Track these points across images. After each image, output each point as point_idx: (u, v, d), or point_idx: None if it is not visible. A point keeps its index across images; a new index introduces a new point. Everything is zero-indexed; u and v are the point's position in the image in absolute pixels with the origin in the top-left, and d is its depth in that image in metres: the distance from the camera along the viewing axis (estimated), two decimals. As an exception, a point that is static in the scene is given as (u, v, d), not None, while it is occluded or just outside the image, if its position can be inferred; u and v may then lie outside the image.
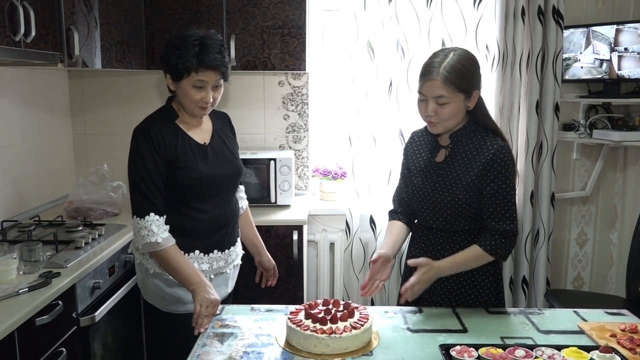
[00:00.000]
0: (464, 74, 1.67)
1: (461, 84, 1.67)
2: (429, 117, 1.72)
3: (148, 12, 2.88)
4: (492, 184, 1.71)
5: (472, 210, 1.75)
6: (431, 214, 1.81)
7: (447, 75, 1.65)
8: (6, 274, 1.81)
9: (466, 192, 1.73)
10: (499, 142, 1.73)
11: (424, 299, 1.85)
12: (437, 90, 1.67)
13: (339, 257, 3.26)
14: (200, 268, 1.87)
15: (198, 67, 1.75)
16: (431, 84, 1.67)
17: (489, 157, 1.71)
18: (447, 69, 1.66)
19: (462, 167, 1.76)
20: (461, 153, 1.77)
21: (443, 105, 1.69)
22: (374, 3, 2.95)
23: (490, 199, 1.72)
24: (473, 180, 1.73)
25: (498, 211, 1.72)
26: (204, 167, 1.86)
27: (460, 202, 1.74)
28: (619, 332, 1.59)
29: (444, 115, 1.69)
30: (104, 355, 2.19)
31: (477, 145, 1.75)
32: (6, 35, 1.91)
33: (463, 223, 1.78)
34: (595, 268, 3.46)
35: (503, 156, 1.70)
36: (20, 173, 2.67)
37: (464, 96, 1.70)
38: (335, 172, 3.29)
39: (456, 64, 1.67)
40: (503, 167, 1.70)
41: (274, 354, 1.48)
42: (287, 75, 3.25)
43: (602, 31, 2.98)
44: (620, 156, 3.33)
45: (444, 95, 1.67)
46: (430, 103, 1.69)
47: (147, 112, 1.92)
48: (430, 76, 1.67)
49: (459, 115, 1.73)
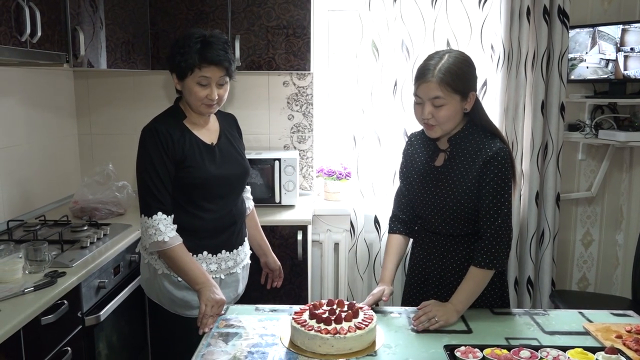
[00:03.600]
0: (459, 75, 1.66)
1: (457, 85, 1.66)
2: (425, 120, 1.71)
3: (153, 12, 2.89)
4: (489, 186, 1.69)
5: (474, 213, 1.73)
6: (432, 218, 1.81)
7: (442, 77, 1.64)
8: (12, 273, 1.82)
9: (467, 196, 1.72)
10: (498, 144, 1.71)
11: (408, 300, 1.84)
12: (432, 92, 1.66)
13: (343, 258, 3.25)
14: (208, 269, 1.87)
15: (201, 64, 1.76)
16: (427, 86, 1.67)
17: (487, 158, 1.69)
18: (442, 71, 1.65)
19: (462, 171, 1.74)
20: (460, 157, 1.75)
21: (440, 108, 1.67)
22: (379, 3, 2.95)
23: (487, 198, 1.69)
24: (473, 183, 1.71)
25: (491, 214, 1.69)
26: (212, 167, 1.86)
27: (462, 206, 1.72)
28: (624, 333, 1.58)
29: (441, 117, 1.68)
30: (109, 354, 2.19)
31: (476, 148, 1.73)
32: (12, 35, 1.92)
33: (465, 227, 1.77)
34: (601, 269, 3.45)
35: (501, 158, 1.68)
36: (26, 173, 2.68)
37: (460, 98, 1.68)
38: (340, 172, 3.29)
39: (451, 66, 1.66)
40: (500, 169, 1.68)
41: (279, 354, 1.49)
42: (292, 76, 3.25)
43: (608, 31, 2.96)
44: (626, 156, 3.31)
45: (440, 96, 1.65)
46: (426, 106, 1.68)
47: (152, 112, 1.93)
48: (426, 78, 1.66)
49: (456, 117, 1.71)
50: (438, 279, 1.84)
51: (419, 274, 1.90)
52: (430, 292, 1.85)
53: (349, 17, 3.27)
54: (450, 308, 1.68)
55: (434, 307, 1.68)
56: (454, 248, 1.80)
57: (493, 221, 1.69)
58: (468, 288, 1.71)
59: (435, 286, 1.84)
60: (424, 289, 1.89)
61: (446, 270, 1.82)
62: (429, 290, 1.86)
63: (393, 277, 1.87)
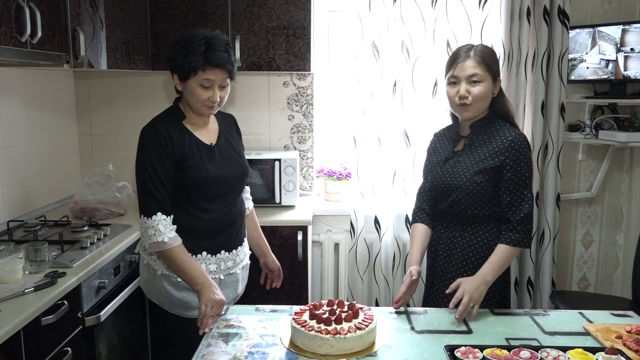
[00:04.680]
0: (492, 57, 1.84)
1: (491, 65, 1.81)
2: (462, 100, 1.79)
3: (153, 13, 2.89)
4: (510, 173, 1.78)
5: (489, 194, 1.81)
6: (450, 199, 1.85)
7: (480, 56, 1.80)
8: (12, 273, 1.82)
9: (482, 176, 1.79)
10: (516, 131, 1.82)
11: (430, 300, 1.84)
12: (471, 69, 1.78)
13: (343, 258, 3.25)
14: (207, 269, 1.87)
15: (205, 66, 1.76)
16: (465, 65, 1.79)
17: (506, 143, 1.79)
18: (479, 51, 1.81)
19: (480, 153, 1.83)
20: (479, 141, 1.85)
21: (476, 85, 1.78)
22: (379, 3, 2.95)
23: (509, 186, 1.78)
24: (490, 165, 1.79)
25: (514, 200, 1.78)
26: (211, 168, 1.86)
27: (477, 185, 1.79)
28: (624, 333, 1.58)
29: (476, 95, 1.78)
30: (109, 354, 2.19)
31: (495, 134, 1.83)
32: (12, 36, 1.92)
33: (482, 208, 1.82)
34: (601, 269, 3.45)
35: (520, 143, 1.79)
36: (26, 173, 2.68)
37: (492, 80, 1.81)
38: (340, 172, 3.29)
39: (485, 49, 1.84)
40: (520, 153, 1.78)
41: (279, 354, 1.49)
42: (292, 76, 3.25)
43: (608, 31, 2.96)
44: (626, 157, 3.31)
45: (478, 73, 1.77)
46: (463, 84, 1.79)
47: (152, 113, 1.93)
48: (464, 57, 1.80)
49: (487, 98, 1.82)
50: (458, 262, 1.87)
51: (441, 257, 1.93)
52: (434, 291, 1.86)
53: (349, 18, 3.26)
54: (479, 280, 1.73)
55: (467, 289, 1.70)
56: (469, 231, 1.85)
57: (518, 205, 1.79)
58: (498, 260, 1.78)
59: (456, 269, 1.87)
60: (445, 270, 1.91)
61: (465, 256, 1.86)
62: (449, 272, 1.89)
63: (420, 259, 1.94)
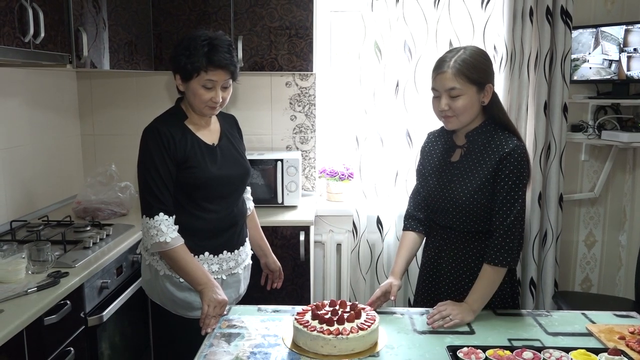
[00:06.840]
0: (475, 66, 1.69)
1: (472, 75, 1.68)
2: (443, 112, 1.73)
3: (156, 13, 2.89)
4: (503, 182, 1.70)
5: (487, 209, 1.74)
6: (446, 213, 1.80)
7: (458, 67, 1.68)
8: (15, 273, 1.83)
9: (481, 191, 1.72)
10: (515, 141, 1.73)
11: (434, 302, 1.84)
12: (448, 82, 1.68)
13: (345, 258, 3.25)
14: (210, 269, 1.87)
15: (207, 67, 1.76)
16: (442, 77, 1.70)
17: (503, 154, 1.70)
18: (458, 62, 1.69)
19: (477, 166, 1.75)
20: (476, 152, 1.77)
21: (456, 98, 1.69)
22: (382, 4, 2.95)
23: (501, 195, 1.70)
24: (487, 179, 1.72)
25: (504, 210, 1.70)
26: (213, 168, 1.86)
27: (475, 201, 1.73)
28: (627, 334, 1.58)
29: (458, 108, 1.70)
30: (112, 354, 2.19)
31: (493, 144, 1.74)
32: (16, 36, 1.93)
33: (478, 224, 1.76)
34: (604, 270, 3.44)
35: (517, 155, 1.70)
36: (29, 173, 2.69)
37: (477, 89, 1.70)
38: (342, 172, 3.29)
39: (467, 58, 1.70)
40: (516, 165, 1.70)
41: (281, 354, 1.48)
42: (295, 76, 3.25)
43: (611, 31, 2.96)
44: (629, 157, 3.31)
45: (456, 87, 1.68)
46: (443, 97, 1.71)
47: (154, 113, 1.93)
48: (442, 69, 1.70)
49: (473, 109, 1.73)
50: (450, 276, 1.84)
51: (432, 271, 1.90)
52: (443, 289, 1.85)
53: (352, 18, 3.27)
54: (465, 307, 1.69)
55: (450, 306, 1.69)
56: (467, 245, 1.80)
57: (505, 218, 1.70)
58: (482, 286, 1.72)
59: (447, 283, 1.84)
60: (436, 285, 1.89)
61: (459, 267, 1.82)
62: (441, 287, 1.86)
63: (403, 272, 1.89)
